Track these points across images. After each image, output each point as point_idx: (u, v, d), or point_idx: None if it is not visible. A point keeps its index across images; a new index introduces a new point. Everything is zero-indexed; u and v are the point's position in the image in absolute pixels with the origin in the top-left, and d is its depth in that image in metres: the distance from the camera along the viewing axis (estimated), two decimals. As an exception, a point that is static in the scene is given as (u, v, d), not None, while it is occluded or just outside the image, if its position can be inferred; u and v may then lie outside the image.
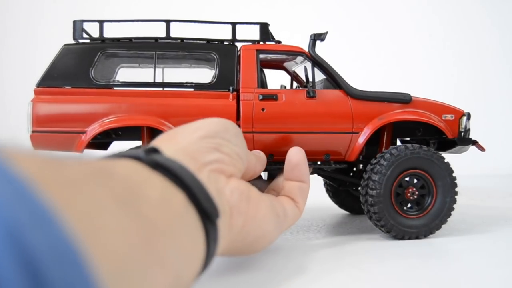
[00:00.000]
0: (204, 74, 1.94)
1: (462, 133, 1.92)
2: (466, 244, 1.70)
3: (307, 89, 1.84)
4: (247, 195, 1.18)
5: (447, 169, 1.77)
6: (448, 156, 2.03)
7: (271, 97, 1.84)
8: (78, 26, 1.91)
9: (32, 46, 4.26)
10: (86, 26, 1.94)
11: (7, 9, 4.25)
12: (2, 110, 4.38)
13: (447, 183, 1.77)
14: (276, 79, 2.27)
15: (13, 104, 4.14)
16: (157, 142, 1.10)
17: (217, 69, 1.87)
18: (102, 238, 0.58)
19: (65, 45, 1.88)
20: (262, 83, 1.96)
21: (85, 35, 1.95)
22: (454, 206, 1.79)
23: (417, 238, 1.76)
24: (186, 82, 1.86)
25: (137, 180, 0.78)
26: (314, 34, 1.91)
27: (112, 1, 4.68)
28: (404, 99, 1.89)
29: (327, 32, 1.90)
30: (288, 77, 2.25)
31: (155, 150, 0.93)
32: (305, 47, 1.96)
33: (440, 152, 1.84)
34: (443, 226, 1.79)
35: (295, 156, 1.47)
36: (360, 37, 4.74)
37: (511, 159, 4.15)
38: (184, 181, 0.89)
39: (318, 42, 1.93)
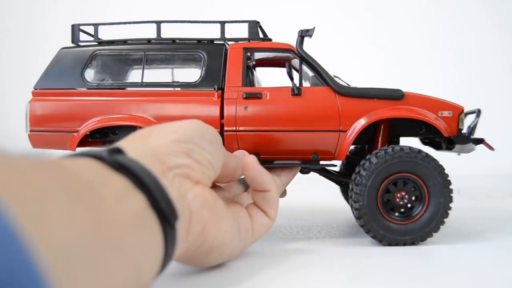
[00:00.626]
0: (195, 74, 1.93)
1: (464, 131, 1.83)
2: (466, 244, 1.70)
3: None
4: (210, 204, 1.18)
5: (436, 169, 1.66)
6: (448, 156, 2.03)
7: (255, 95, 1.81)
8: (75, 30, 1.99)
9: (33, 47, 4.26)
10: (88, 29, 1.99)
11: (7, 9, 4.25)
12: (2, 111, 4.39)
13: (439, 183, 1.66)
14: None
15: (13, 105, 4.15)
16: (129, 140, 1.11)
17: (203, 68, 1.88)
18: (47, 225, 0.58)
19: (62, 48, 1.96)
20: (250, 82, 1.91)
21: (88, 37, 2.02)
22: (451, 205, 1.69)
23: (412, 244, 1.67)
24: (173, 82, 1.90)
25: (92, 178, 0.79)
26: (302, 30, 1.86)
27: (113, 2, 4.68)
28: (394, 95, 1.79)
29: (314, 28, 1.85)
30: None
31: (118, 151, 0.94)
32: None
33: (425, 152, 1.69)
34: (441, 227, 1.69)
35: (248, 172, 1.44)
36: (360, 36, 4.74)
37: (511, 159, 4.15)
38: (145, 183, 0.90)
39: (309, 39, 1.89)
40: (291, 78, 1.80)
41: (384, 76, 4.45)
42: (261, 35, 2.00)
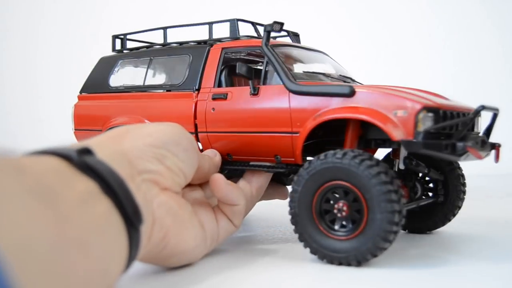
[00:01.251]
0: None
1: (425, 134, 1.41)
2: (465, 244, 1.70)
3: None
4: (174, 212, 1.20)
5: (373, 178, 1.36)
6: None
7: (221, 96, 1.78)
8: (113, 40, 2.26)
9: (33, 47, 4.26)
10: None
11: (6, 10, 4.25)
12: (2, 111, 4.39)
13: (374, 196, 1.36)
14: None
15: (13, 105, 4.15)
16: (102, 138, 1.13)
17: (188, 70, 1.91)
18: (6, 221, 0.58)
19: (101, 57, 2.25)
20: (223, 82, 1.84)
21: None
22: (395, 227, 1.35)
23: (348, 264, 1.41)
24: (163, 84, 1.99)
25: (55, 181, 0.79)
26: (266, 25, 1.74)
27: (112, 1, 4.67)
28: (342, 92, 1.54)
29: (280, 23, 1.73)
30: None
31: (87, 151, 0.94)
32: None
33: (366, 157, 1.41)
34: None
35: (216, 192, 1.46)
36: (360, 36, 4.74)
37: (511, 159, 4.15)
38: (111, 187, 0.90)
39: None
40: (248, 78, 1.70)
41: (384, 76, 4.45)
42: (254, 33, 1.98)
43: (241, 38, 1.92)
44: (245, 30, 1.98)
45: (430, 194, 1.86)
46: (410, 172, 1.81)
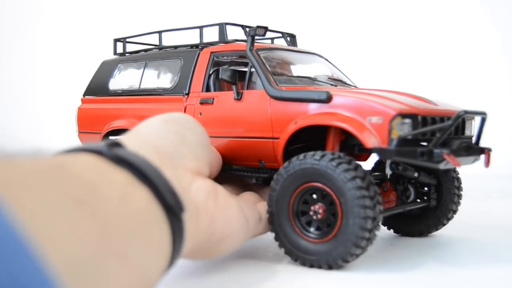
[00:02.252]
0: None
1: (399, 141, 1.38)
2: (465, 244, 1.70)
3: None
4: (214, 194, 1.18)
5: (348, 182, 1.33)
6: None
7: (207, 100, 1.79)
8: (115, 44, 2.29)
9: (32, 47, 4.27)
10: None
11: (5, 10, 4.25)
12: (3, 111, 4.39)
13: (348, 200, 1.33)
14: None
15: (12, 105, 4.16)
16: (124, 136, 1.11)
17: (179, 74, 1.92)
18: (54, 235, 0.58)
19: (103, 61, 2.29)
20: (212, 87, 1.84)
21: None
22: (367, 233, 1.32)
23: (320, 267, 1.40)
24: (157, 88, 2.00)
25: (95, 177, 0.78)
26: (250, 30, 1.74)
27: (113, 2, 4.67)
28: (319, 98, 1.52)
29: (263, 27, 1.73)
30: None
31: (118, 145, 0.92)
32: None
33: (343, 160, 1.38)
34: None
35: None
36: (360, 36, 4.74)
37: (511, 159, 4.15)
38: (148, 176, 0.88)
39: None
40: (231, 83, 1.69)
41: (385, 76, 4.45)
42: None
43: (230, 41, 1.91)
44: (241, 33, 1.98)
45: (425, 197, 1.81)
46: (402, 176, 1.77)
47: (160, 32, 2.11)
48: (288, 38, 2.16)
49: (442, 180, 1.80)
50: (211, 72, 1.85)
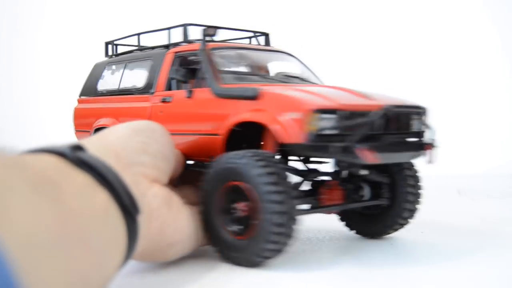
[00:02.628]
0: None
1: (316, 136, 1.37)
2: (465, 244, 1.70)
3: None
4: (169, 201, 1.27)
5: (259, 177, 1.33)
6: (448, 156, 2.00)
7: (166, 99, 1.86)
8: (106, 46, 2.39)
9: (32, 47, 4.27)
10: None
11: (4, 10, 4.25)
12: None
13: (260, 195, 1.33)
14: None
15: (12, 105, 4.17)
16: (88, 139, 1.19)
17: (148, 74, 2.01)
18: (11, 218, 0.59)
19: (95, 63, 2.39)
20: (175, 86, 1.87)
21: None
22: (281, 228, 1.32)
23: (239, 264, 1.40)
24: (131, 88, 2.10)
25: (57, 176, 0.82)
26: (203, 30, 1.78)
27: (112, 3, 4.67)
28: (247, 95, 1.54)
29: (213, 27, 1.78)
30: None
31: (79, 148, 0.97)
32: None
33: (259, 156, 1.38)
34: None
35: None
36: (359, 36, 4.74)
37: (511, 159, 4.15)
38: (107, 179, 0.93)
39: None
40: (183, 81, 1.77)
41: (384, 76, 4.45)
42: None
43: (191, 41, 1.96)
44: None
45: (379, 197, 1.73)
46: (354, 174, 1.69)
47: (138, 34, 2.21)
48: (263, 38, 2.18)
49: (397, 179, 1.71)
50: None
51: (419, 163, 1.64)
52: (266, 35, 2.20)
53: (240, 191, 1.41)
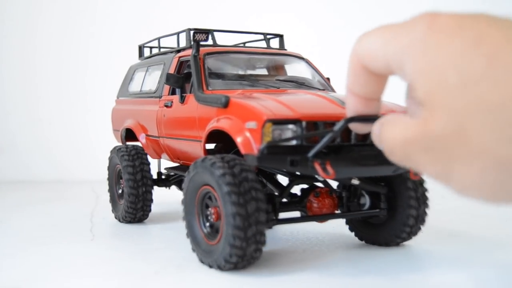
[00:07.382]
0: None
1: (270, 147, 1.30)
2: (465, 244, 1.70)
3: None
4: None
5: (219, 178, 1.31)
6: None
7: (167, 104, 1.92)
8: (139, 49, 2.46)
9: (31, 47, 4.27)
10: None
11: (4, 10, 4.25)
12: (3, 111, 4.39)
13: (222, 197, 1.31)
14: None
15: (13, 105, 4.16)
16: None
17: (160, 78, 2.07)
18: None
19: (130, 66, 2.48)
20: (177, 90, 1.86)
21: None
22: (241, 232, 1.27)
23: (210, 267, 1.40)
24: (148, 91, 2.17)
25: None
26: (193, 35, 1.82)
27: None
28: (218, 103, 1.53)
29: (204, 32, 1.80)
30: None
31: None
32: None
33: (224, 161, 1.36)
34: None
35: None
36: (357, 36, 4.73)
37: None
38: None
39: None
40: (177, 87, 1.81)
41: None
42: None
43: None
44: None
45: (378, 206, 1.66)
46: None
47: (158, 39, 2.24)
48: (277, 39, 2.16)
49: (396, 188, 1.63)
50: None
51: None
52: (280, 36, 2.16)
53: (212, 195, 1.42)
